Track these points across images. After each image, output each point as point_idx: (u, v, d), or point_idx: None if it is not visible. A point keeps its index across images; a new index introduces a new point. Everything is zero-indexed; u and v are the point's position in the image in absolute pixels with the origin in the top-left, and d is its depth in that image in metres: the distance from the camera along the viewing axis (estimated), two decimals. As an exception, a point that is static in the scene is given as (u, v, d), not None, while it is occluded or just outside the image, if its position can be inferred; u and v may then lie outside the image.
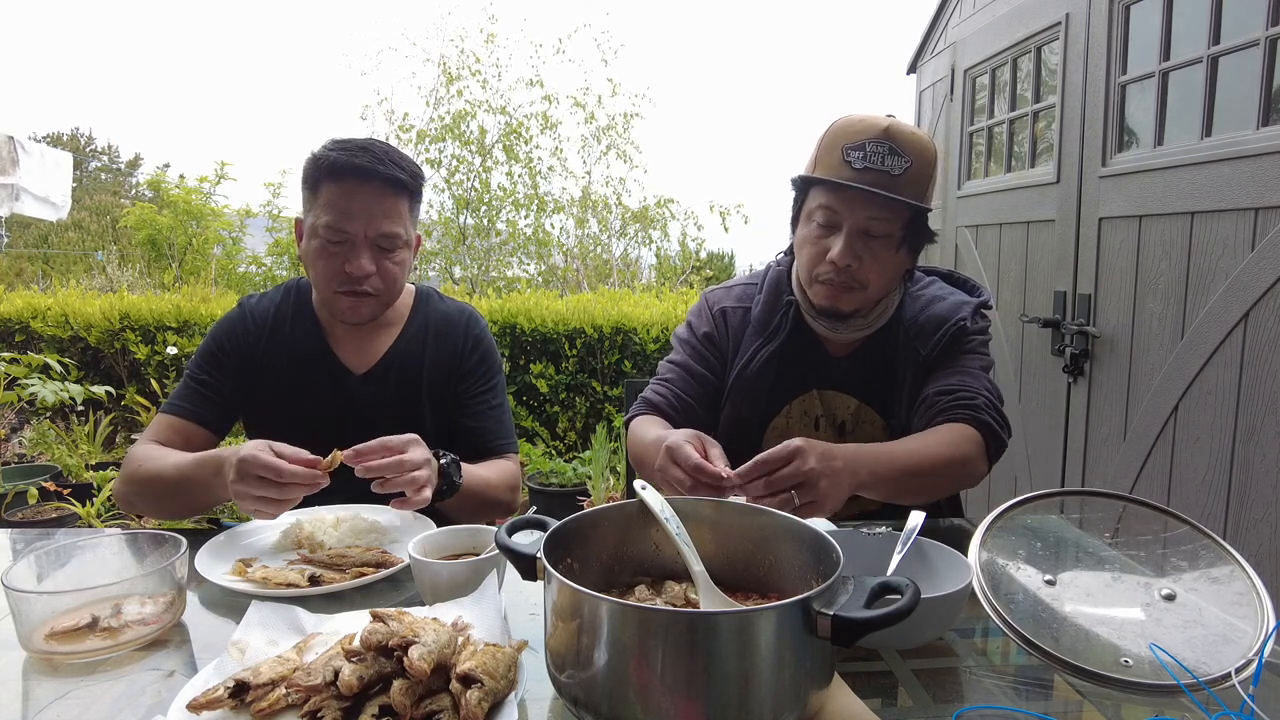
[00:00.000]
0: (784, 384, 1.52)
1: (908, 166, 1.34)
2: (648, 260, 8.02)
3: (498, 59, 7.41)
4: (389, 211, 1.43)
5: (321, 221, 1.41)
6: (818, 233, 1.41)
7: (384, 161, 1.41)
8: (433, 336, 1.60)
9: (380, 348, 1.57)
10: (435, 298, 1.66)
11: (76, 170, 7.58)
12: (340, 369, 1.54)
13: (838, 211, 1.37)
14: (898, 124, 1.36)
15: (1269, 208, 1.95)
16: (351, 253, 1.42)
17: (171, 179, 7.10)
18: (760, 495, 1.10)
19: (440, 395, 1.58)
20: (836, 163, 1.36)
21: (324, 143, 1.45)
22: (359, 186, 1.40)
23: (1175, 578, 0.97)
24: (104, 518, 3.46)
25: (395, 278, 1.48)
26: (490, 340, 1.66)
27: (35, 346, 4.58)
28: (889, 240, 1.38)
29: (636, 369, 4.28)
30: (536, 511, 0.92)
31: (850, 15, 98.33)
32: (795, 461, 1.10)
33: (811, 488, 1.10)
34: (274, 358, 1.54)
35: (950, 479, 1.31)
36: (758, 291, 1.58)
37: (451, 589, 0.98)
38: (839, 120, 1.40)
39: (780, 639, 0.70)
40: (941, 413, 1.37)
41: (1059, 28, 2.82)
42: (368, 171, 1.40)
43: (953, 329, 1.46)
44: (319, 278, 1.47)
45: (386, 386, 1.55)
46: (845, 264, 1.37)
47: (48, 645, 0.89)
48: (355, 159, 1.40)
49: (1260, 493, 1.98)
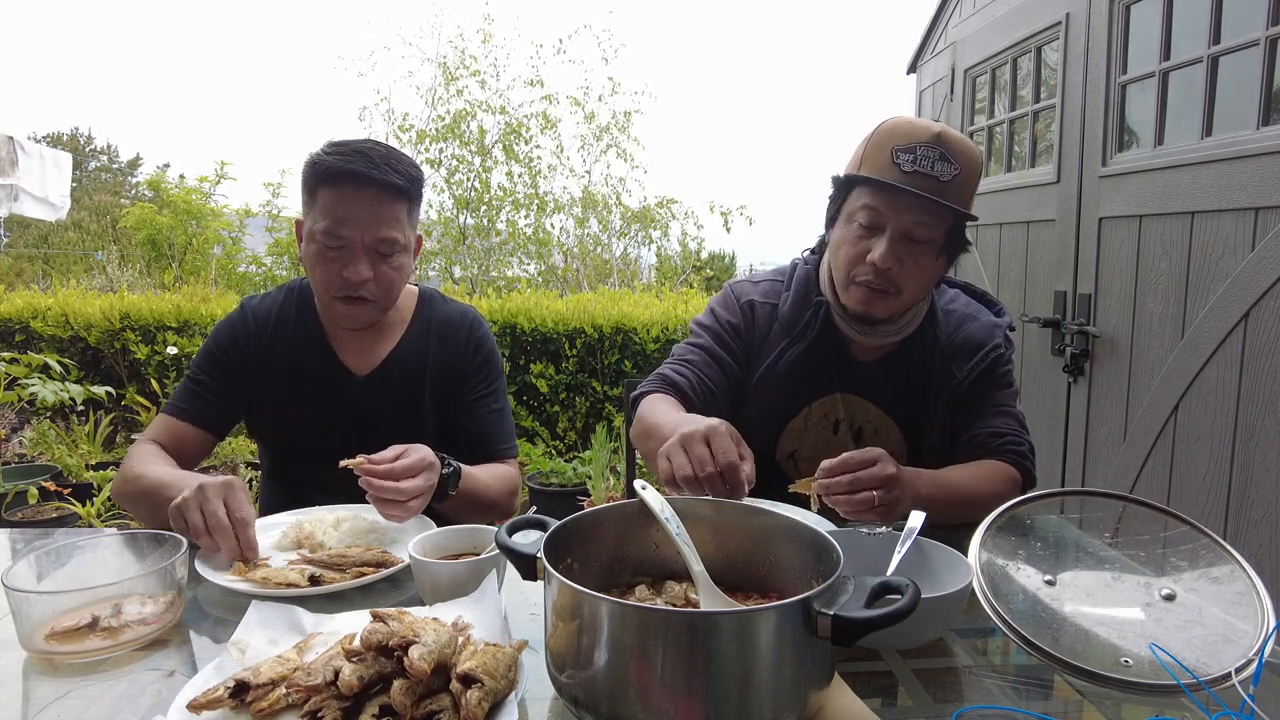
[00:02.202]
0: (808, 385, 1.50)
1: (956, 174, 1.33)
2: (648, 260, 8.02)
3: (496, 59, 7.41)
4: (386, 217, 1.41)
5: (318, 227, 1.40)
6: (859, 233, 1.39)
7: (380, 166, 1.39)
8: (435, 339, 1.59)
9: (382, 350, 1.56)
10: (438, 300, 1.65)
11: (76, 170, 7.59)
12: (342, 371, 1.54)
13: (882, 213, 1.35)
14: (949, 130, 1.36)
15: (1269, 208, 1.95)
16: (349, 259, 1.40)
17: (171, 179, 7.11)
18: (842, 492, 1.16)
19: (442, 398, 1.57)
20: (885, 164, 1.34)
21: (322, 145, 1.44)
22: (355, 192, 1.38)
23: (1175, 578, 0.97)
24: (104, 518, 3.46)
25: (393, 283, 1.47)
26: (493, 343, 1.65)
27: (35, 346, 4.58)
28: (930, 246, 1.37)
29: (636, 369, 4.28)
30: (536, 511, 0.92)
31: (850, 15, 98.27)
32: (880, 464, 1.17)
33: (890, 490, 1.16)
34: (275, 359, 1.53)
35: (984, 510, 1.31)
36: (784, 289, 1.56)
37: (451, 589, 0.98)
38: (888, 121, 1.39)
39: (780, 639, 0.70)
40: (992, 452, 1.44)
41: (1059, 28, 2.82)
42: (363, 177, 1.38)
43: (990, 357, 1.48)
44: (317, 283, 1.46)
45: (388, 389, 1.54)
46: (886, 267, 1.35)
47: (48, 645, 0.89)
48: (351, 164, 1.38)
49: (1260, 493, 1.98)
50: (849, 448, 1.49)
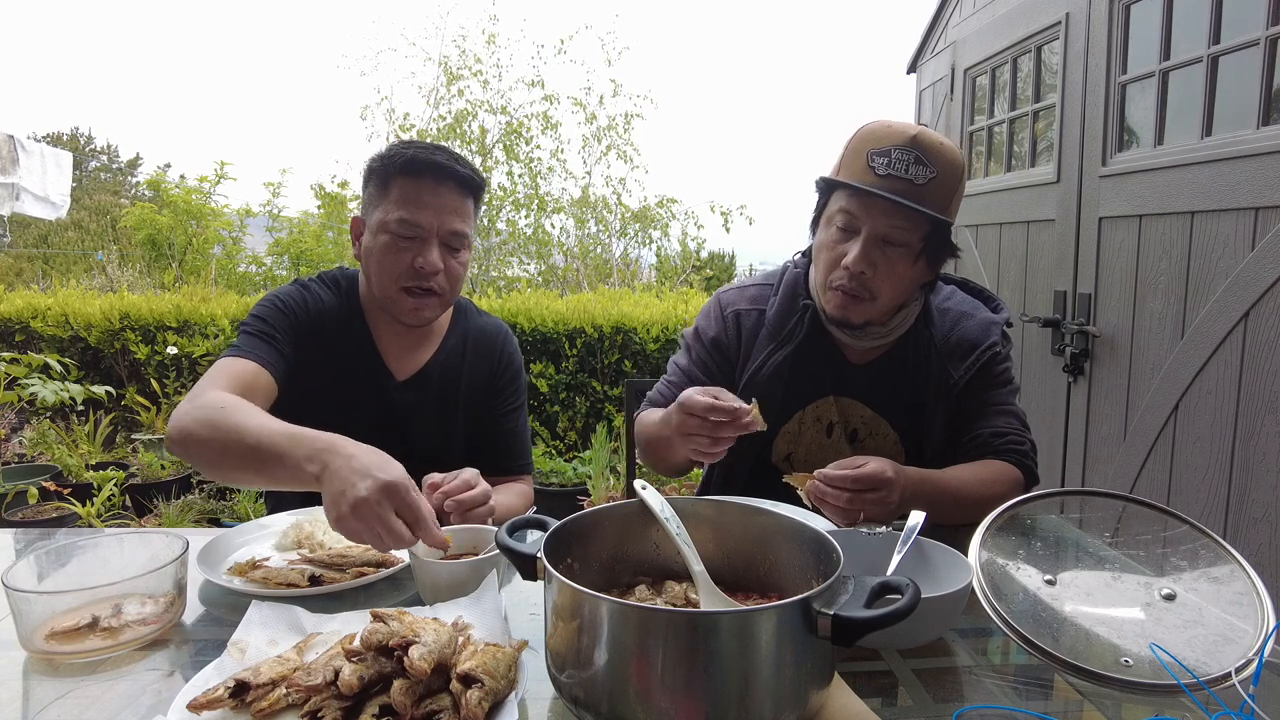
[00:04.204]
0: (800, 389, 1.50)
1: (932, 177, 1.32)
2: (648, 260, 8.02)
3: (498, 59, 7.42)
4: (460, 210, 1.44)
5: (393, 216, 1.40)
6: (836, 237, 1.39)
7: (459, 161, 1.44)
8: (471, 350, 1.59)
9: (423, 356, 1.55)
10: (472, 311, 1.66)
11: (76, 170, 7.58)
12: (384, 373, 1.52)
13: (857, 216, 1.36)
14: (927, 133, 1.34)
15: (1269, 207, 1.95)
16: (422, 248, 1.41)
17: (171, 179, 7.11)
18: (837, 504, 1.20)
19: (474, 409, 1.58)
20: (860, 167, 1.34)
21: (388, 146, 1.47)
22: (435, 184, 1.41)
23: (1175, 577, 0.97)
24: (104, 518, 3.46)
25: (459, 277, 1.48)
26: (520, 361, 1.67)
27: (35, 346, 4.58)
28: (907, 250, 1.36)
29: (636, 369, 4.28)
30: (536, 511, 0.92)
31: (850, 15, 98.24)
32: (883, 492, 1.20)
33: (882, 514, 1.20)
34: (320, 350, 1.47)
35: (986, 510, 1.31)
36: (773, 293, 1.56)
37: (451, 589, 0.98)
38: (867, 124, 1.38)
39: (780, 639, 0.70)
40: (994, 452, 1.44)
41: (1059, 27, 2.82)
42: (443, 169, 1.41)
43: (986, 355, 1.48)
44: (384, 274, 1.43)
45: (427, 395, 1.53)
46: (859, 270, 1.35)
47: (48, 645, 0.89)
48: (434, 156, 1.42)
49: (1260, 493, 1.98)
50: (844, 451, 1.49)
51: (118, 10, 69.94)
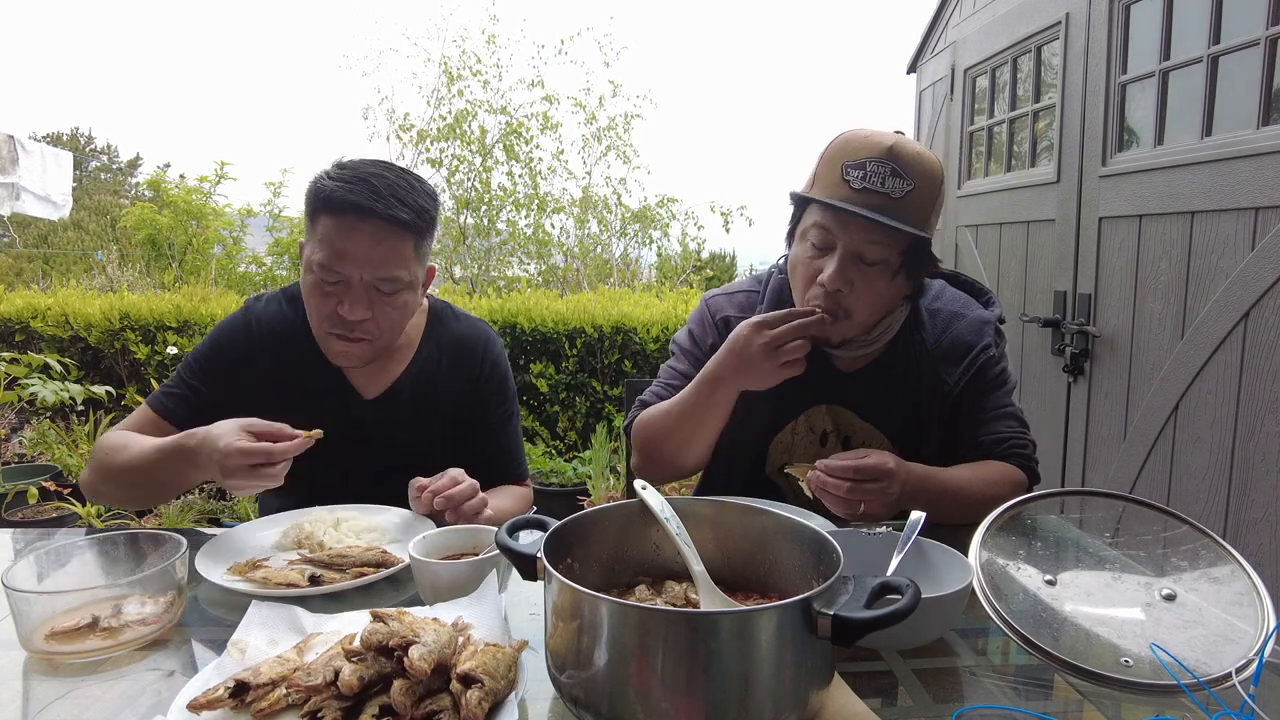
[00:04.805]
0: (791, 398, 1.46)
1: (909, 190, 1.27)
2: (648, 260, 8.02)
3: (499, 59, 7.42)
4: (387, 255, 1.30)
5: (316, 258, 1.30)
6: (811, 253, 1.35)
7: (385, 198, 1.28)
8: (448, 359, 1.52)
9: (393, 372, 1.48)
10: (449, 316, 1.57)
11: (76, 170, 7.59)
12: (350, 392, 1.46)
13: (832, 232, 1.31)
14: (903, 143, 1.29)
15: (1269, 208, 1.95)
16: (346, 294, 1.30)
17: (171, 179, 7.10)
18: (837, 494, 1.19)
19: (455, 421, 1.51)
20: (835, 181, 1.30)
21: (329, 165, 1.35)
22: (356, 225, 1.28)
23: (1175, 578, 0.97)
24: (104, 518, 3.46)
25: (394, 322, 1.37)
26: (506, 364, 1.58)
27: (35, 346, 4.58)
28: (885, 266, 1.32)
29: (637, 369, 4.28)
30: (536, 511, 0.92)
31: (850, 15, 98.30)
32: (884, 483, 1.19)
33: (881, 506, 1.20)
34: (279, 374, 1.44)
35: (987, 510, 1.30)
36: (760, 300, 1.53)
37: (451, 589, 0.98)
38: (843, 134, 1.35)
39: (780, 639, 0.70)
40: (997, 456, 1.43)
41: (1059, 27, 2.82)
42: (365, 210, 1.27)
43: (980, 359, 1.44)
44: (312, 314, 1.37)
45: (398, 412, 1.47)
46: (835, 288, 1.31)
47: (48, 645, 0.89)
48: (353, 194, 1.27)
49: (1260, 493, 1.98)
50: None
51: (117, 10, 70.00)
